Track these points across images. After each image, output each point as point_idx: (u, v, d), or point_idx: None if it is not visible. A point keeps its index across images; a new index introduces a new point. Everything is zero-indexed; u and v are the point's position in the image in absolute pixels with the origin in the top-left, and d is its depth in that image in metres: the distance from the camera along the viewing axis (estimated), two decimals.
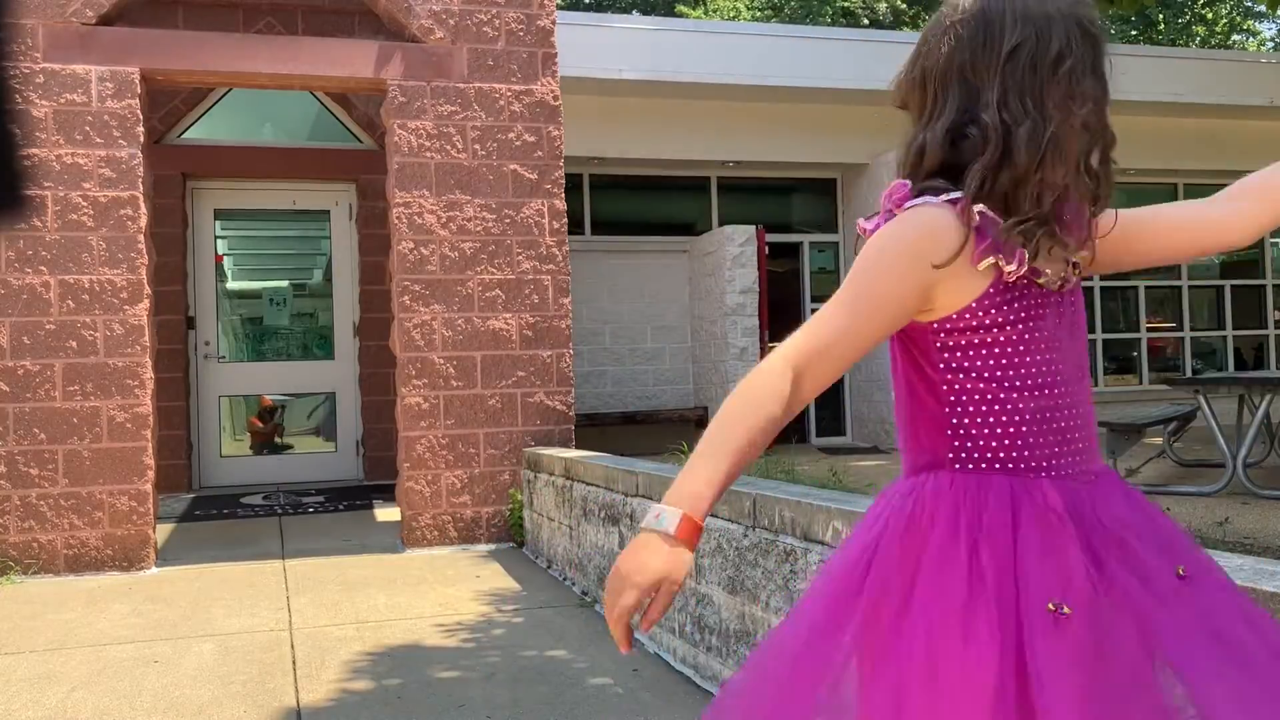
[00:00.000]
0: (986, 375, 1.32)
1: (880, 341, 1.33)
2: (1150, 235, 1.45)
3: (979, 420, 1.32)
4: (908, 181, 1.34)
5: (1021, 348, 1.31)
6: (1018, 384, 1.31)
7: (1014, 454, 1.31)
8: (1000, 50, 1.29)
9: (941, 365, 1.33)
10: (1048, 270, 1.30)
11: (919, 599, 1.25)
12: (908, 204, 1.31)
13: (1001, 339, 1.30)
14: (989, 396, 1.32)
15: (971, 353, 1.32)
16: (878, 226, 1.34)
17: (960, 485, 1.31)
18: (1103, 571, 1.25)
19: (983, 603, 1.22)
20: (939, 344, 1.33)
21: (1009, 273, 1.28)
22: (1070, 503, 1.29)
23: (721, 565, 3.35)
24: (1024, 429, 1.31)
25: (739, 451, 1.26)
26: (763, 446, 1.28)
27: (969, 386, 1.32)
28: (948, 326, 1.32)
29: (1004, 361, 1.31)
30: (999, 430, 1.32)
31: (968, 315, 1.30)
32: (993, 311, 1.29)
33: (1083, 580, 1.23)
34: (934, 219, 1.28)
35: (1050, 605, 1.21)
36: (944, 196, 1.29)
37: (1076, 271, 1.36)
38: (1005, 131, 1.27)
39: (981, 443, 1.32)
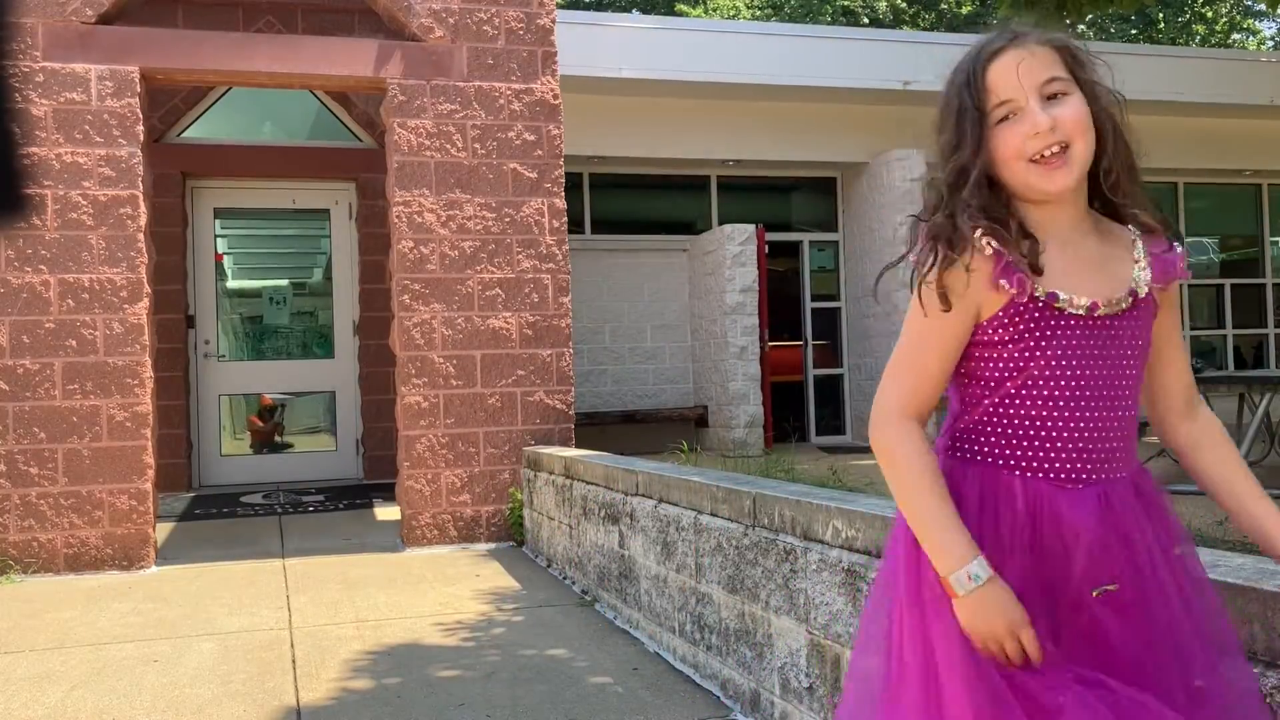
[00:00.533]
0: (992, 384, 1.48)
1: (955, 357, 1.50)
2: (1156, 368, 1.58)
3: (978, 418, 1.50)
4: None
5: (1024, 364, 1.45)
6: (1011, 393, 1.46)
7: (994, 449, 1.48)
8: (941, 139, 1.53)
9: (961, 370, 1.51)
10: (1070, 295, 1.44)
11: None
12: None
13: (1005, 355, 1.46)
14: (985, 402, 1.49)
15: (976, 364, 1.49)
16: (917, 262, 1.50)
17: (949, 470, 1.50)
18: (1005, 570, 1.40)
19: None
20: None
21: (1006, 291, 1.42)
22: (1031, 503, 1.43)
23: (721, 564, 3.35)
24: (1010, 433, 1.47)
25: (944, 495, 1.43)
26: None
27: (974, 390, 1.50)
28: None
29: (1005, 374, 1.47)
30: (988, 429, 1.49)
31: (977, 331, 1.47)
32: (1000, 330, 1.45)
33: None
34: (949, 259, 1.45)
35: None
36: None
37: (1126, 302, 1.47)
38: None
39: (973, 435, 1.50)
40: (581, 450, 5.77)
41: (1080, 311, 1.44)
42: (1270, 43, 25.47)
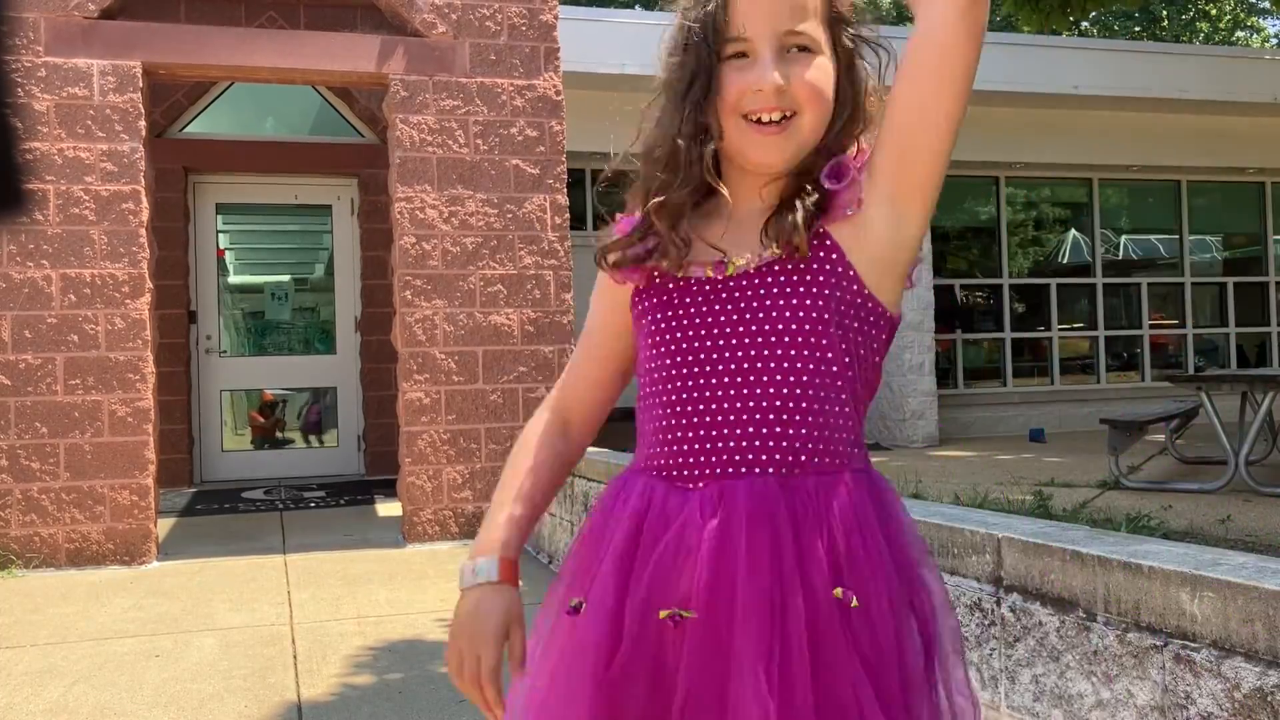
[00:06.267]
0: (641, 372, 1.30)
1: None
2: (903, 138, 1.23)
3: (641, 416, 1.29)
4: None
5: (655, 341, 1.25)
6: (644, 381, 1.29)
7: (645, 453, 1.27)
8: None
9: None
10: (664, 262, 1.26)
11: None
12: None
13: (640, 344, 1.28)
14: (644, 392, 1.29)
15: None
16: None
17: (614, 480, 1.32)
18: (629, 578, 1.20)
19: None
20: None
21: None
22: (644, 504, 1.22)
23: None
24: (650, 427, 1.26)
25: (508, 487, 1.38)
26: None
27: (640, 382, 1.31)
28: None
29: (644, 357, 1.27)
30: (645, 428, 1.28)
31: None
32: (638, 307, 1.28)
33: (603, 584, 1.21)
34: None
35: (572, 602, 1.24)
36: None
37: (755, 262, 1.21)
38: None
39: (639, 439, 1.30)
40: None
41: (706, 273, 1.21)
42: (1274, 40, 25.43)
